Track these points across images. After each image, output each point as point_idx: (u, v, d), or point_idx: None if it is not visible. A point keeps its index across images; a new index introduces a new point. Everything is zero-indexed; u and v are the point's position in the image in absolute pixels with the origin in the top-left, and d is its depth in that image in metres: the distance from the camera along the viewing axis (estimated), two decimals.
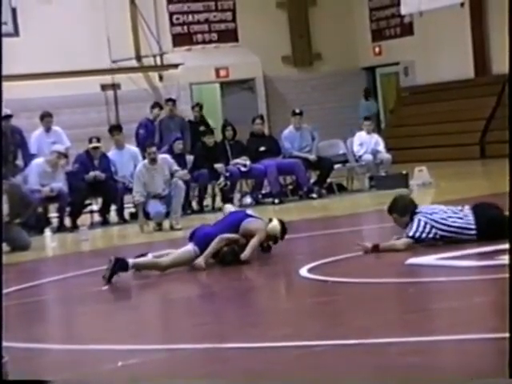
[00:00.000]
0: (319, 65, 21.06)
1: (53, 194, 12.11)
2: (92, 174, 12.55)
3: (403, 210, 7.50)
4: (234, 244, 7.51)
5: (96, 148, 12.73)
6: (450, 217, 7.35)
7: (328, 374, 4.04)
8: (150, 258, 7.57)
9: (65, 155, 12.67)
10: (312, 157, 13.97)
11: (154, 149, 11.54)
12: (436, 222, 7.31)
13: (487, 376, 3.72)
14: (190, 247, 7.48)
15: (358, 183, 14.77)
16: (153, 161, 11.44)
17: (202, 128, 14.69)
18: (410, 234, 7.33)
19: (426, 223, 7.30)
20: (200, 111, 15.30)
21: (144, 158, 12.38)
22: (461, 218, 7.34)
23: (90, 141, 12.84)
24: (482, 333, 4.39)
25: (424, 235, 7.31)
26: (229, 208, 8.71)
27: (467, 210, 7.42)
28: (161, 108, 14.76)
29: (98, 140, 12.86)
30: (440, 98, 19.10)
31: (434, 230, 7.30)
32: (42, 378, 4.44)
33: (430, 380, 3.60)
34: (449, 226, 7.31)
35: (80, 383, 3.23)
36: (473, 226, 7.28)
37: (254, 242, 7.53)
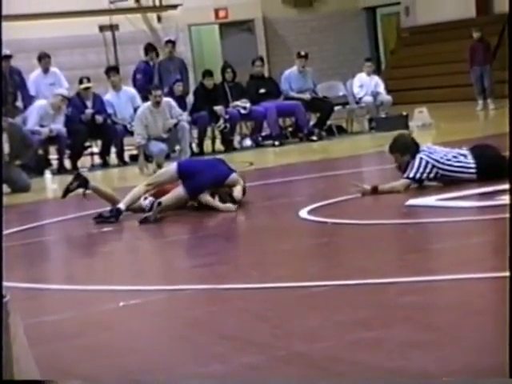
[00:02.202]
0: (319, 5, 20.83)
1: (52, 135, 12.11)
2: (88, 111, 12.51)
3: (404, 148, 7.48)
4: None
5: (87, 89, 12.67)
6: (453, 156, 7.35)
7: (328, 313, 4.07)
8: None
9: (68, 98, 12.61)
10: (307, 96, 13.89)
11: (159, 92, 11.56)
12: (437, 161, 7.29)
13: (485, 312, 3.75)
14: (182, 192, 7.49)
15: (358, 125, 14.73)
16: (157, 104, 11.46)
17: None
18: (411, 174, 7.32)
19: (427, 162, 7.28)
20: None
21: (144, 100, 12.35)
22: (461, 158, 7.34)
23: (81, 81, 12.77)
24: (480, 272, 4.42)
25: (424, 175, 7.30)
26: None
27: (466, 150, 7.42)
28: (155, 50, 14.54)
29: (89, 80, 12.77)
30: (441, 38, 18.92)
31: (434, 170, 7.29)
32: (42, 316, 4.48)
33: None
34: (450, 165, 7.30)
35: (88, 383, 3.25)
36: (473, 166, 7.28)
37: (239, 189, 7.58)
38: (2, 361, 2.47)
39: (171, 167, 7.77)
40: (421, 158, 7.30)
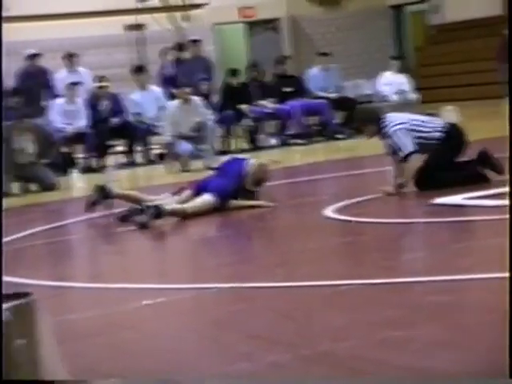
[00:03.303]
0: (346, 3, 20.76)
1: (77, 131, 12.20)
2: (103, 108, 12.56)
3: (366, 118, 7.53)
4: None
5: (102, 87, 12.73)
6: (422, 116, 7.61)
7: (354, 313, 4.04)
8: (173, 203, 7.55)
9: (77, 83, 12.61)
10: (333, 95, 13.86)
11: (188, 90, 11.59)
12: (404, 123, 7.34)
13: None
14: (211, 198, 7.43)
15: None
16: (186, 102, 11.50)
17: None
18: (405, 152, 7.29)
19: (400, 130, 7.30)
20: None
21: (170, 98, 12.40)
22: (430, 119, 7.57)
23: (98, 80, 12.84)
24: (507, 271, 4.36)
25: (411, 140, 7.28)
26: None
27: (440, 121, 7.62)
28: (183, 49, 14.56)
29: (105, 79, 12.84)
30: (469, 35, 18.80)
31: (411, 133, 7.32)
32: (67, 314, 4.49)
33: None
34: (419, 123, 7.40)
35: None
36: (440, 128, 7.39)
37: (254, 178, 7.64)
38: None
39: (208, 199, 7.47)
40: (394, 132, 7.31)
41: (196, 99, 11.80)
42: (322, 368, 3.29)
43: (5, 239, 7.01)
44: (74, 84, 12.45)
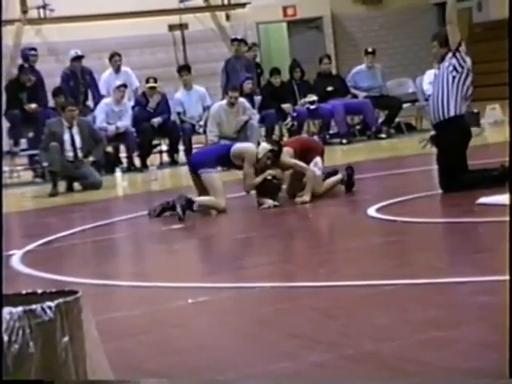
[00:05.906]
0: (388, 2, 20.63)
1: (120, 131, 12.30)
2: (150, 108, 12.65)
3: (445, 40, 7.51)
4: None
5: (153, 88, 12.80)
6: None
7: (397, 312, 4.02)
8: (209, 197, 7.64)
9: (125, 85, 12.71)
10: (363, 94, 13.78)
11: (236, 94, 11.66)
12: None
13: None
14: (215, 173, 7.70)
15: (428, 122, 14.52)
16: (231, 105, 11.57)
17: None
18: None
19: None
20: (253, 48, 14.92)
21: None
22: None
23: (148, 81, 12.91)
24: None
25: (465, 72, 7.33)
26: None
27: None
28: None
29: (155, 80, 12.91)
30: None
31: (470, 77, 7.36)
32: (112, 312, 4.52)
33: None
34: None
35: None
36: None
37: (245, 168, 7.67)
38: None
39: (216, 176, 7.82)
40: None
41: (243, 101, 11.84)
42: (366, 368, 3.27)
43: (50, 237, 7.10)
44: (125, 86, 12.55)
